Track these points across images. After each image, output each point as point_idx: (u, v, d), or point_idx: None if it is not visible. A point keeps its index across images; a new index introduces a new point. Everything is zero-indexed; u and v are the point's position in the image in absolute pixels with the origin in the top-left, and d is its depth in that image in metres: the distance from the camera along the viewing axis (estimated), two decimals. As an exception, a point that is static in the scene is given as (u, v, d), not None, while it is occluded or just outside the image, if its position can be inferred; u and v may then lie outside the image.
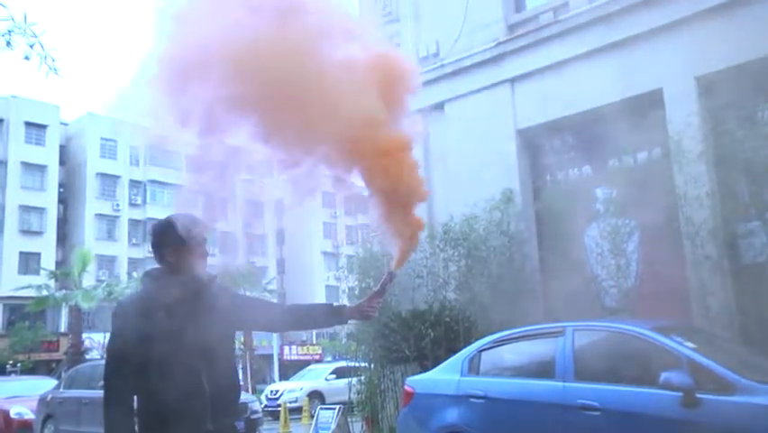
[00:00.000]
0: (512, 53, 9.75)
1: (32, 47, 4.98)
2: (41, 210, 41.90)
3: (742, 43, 7.47)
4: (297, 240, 54.18)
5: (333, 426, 10.41)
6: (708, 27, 7.84)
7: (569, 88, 9.01)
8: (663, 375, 4.82)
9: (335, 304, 3.13)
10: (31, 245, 40.84)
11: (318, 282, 50.49)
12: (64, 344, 33.38)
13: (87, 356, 28.02)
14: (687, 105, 7.87)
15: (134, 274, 37.87)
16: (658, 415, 4.92)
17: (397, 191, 2.83)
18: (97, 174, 44.75)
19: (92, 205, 44.20)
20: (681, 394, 4.75)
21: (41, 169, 42.30)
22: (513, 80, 9.74)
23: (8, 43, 5.00)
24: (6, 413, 14.14)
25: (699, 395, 4.72)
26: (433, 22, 10.91)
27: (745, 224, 7.77)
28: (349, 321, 3.18)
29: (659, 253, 8.27)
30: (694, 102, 7.86)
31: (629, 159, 8.73)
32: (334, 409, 10.86)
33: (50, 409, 12.58)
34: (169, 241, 2.80)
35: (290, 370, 34.04)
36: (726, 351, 5.83)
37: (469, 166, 9.75)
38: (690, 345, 5.14)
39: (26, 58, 4.98)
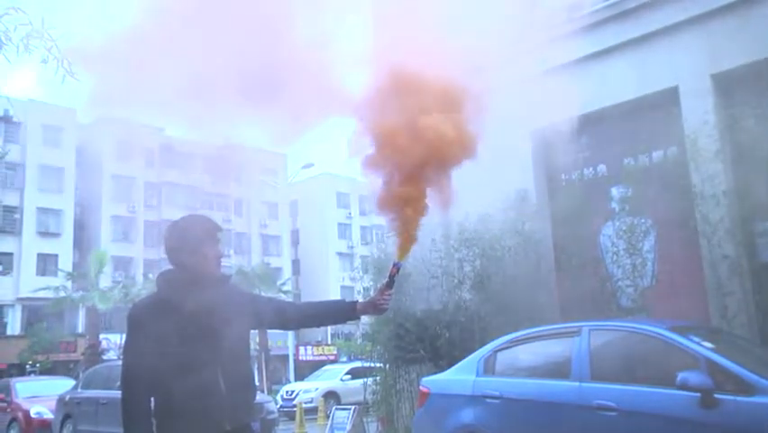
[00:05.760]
0: (524, 52, 9.68)
1: (49, 51, 5.04)
2: (58, 212, 42.29)
3: (758, 40, 7.40)
4: (312, 241, 54.31)
5: (348, 426, 10.44)
6: (723, 24, 7.76)
7: (583, 87, 8.94)
8: (681, 376, 4.77)
9: (347, 300, 3.14)
10: (48, 247, 41.23)
11: (333, 283, 50.59)
12: (81, 344, 33.66)
13: (105, 357, 28.28)
14: (703, 102, 7.80)
15: (150, 276, 38.14)
16: (676, 416, 4.88)
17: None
18: (113, 176, 45.08)
19: (108, 206, 44.54)
20: (699, 395, 4.71)
21: (58, 171, 42.70)
22: (526, 79, 9.67)
23: (26, 47, 5.06)
24: (27, 413, 14.35)
25: (717, 396, 4.67)
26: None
27: (762, 222, 7.69)
28: (362, 316, 3.19)
29: (675, 253, 8.20)
30: (710, 99, 7.79)
31: (645, 157, 8.66)
32: (350, 409, 10.89)
33: (68, 410, 12.71)
34: (183, 242, 2.81)
35: (305, 370, 34.14)
36: (744, 351, 5.76)
37: (483, 166, 9.70)
38: (707, 344, 5.09)
39: (44, 61, 5.04)
